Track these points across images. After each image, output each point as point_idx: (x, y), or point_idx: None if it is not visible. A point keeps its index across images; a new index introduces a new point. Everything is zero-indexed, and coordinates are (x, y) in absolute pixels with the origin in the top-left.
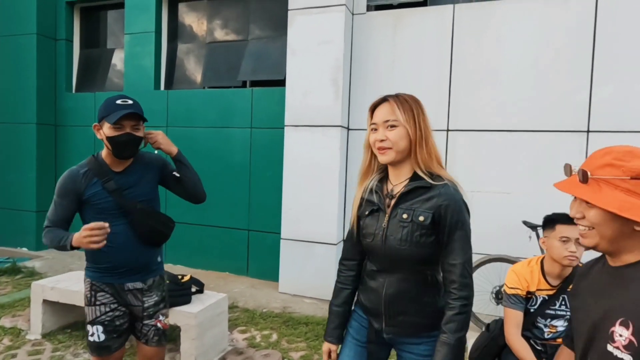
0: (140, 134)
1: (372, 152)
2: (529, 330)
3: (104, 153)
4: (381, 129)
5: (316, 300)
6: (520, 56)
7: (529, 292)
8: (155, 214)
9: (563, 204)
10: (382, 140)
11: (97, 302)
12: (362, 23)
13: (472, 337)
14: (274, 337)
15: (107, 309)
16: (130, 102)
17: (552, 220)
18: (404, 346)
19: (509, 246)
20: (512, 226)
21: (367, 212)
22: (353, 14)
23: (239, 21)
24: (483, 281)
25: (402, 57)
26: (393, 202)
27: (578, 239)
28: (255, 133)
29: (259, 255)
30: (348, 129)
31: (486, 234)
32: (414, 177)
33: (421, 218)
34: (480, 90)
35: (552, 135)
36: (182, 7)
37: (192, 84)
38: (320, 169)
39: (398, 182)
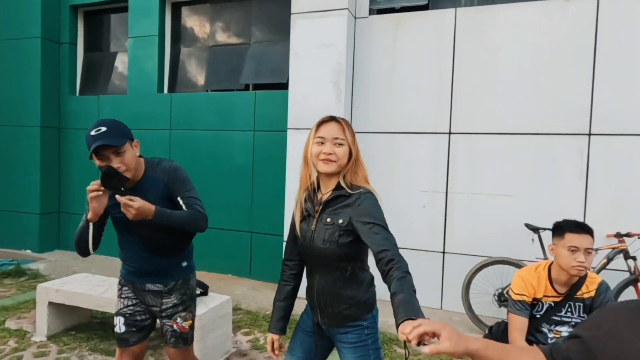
0: (126, 159)
1: (310, 165)
2: (533, 334)
3: None
4: (329, 144)
5: None
6: (521, 59)
7: (535, 299)
8: (162, 230)
9: (564, 207)
10: (330, 154)
11: (123, 296)
12: (364, 27)
13: None
14: (286, 345)
15: (129, 303)
16: (103, 129)
17: (561, 228)
18: (336, 336)
19: (510, 249)
20: (513, 229)
21: (301, 219)
22: (355, 18)
23: (241, 25)
24: (485, 283)
25: (402, 61)
26: (320, 208)
27: (587, 248)
28: (258, 136)
29: (261, 257)
30: None
31: (487, 236)
32: (337, 187)
33: (340, 221)
34: (482, 93)
35: (553, 138)
36: (185, 11)
37: (194, 87)
38: None
39: (326, 191)
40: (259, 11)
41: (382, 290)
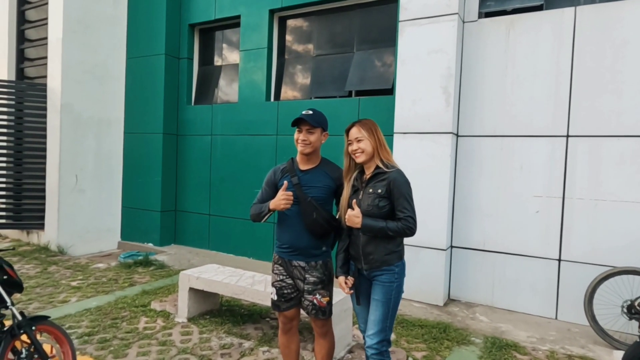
0: (312, 137)
1: (350, 157)
2: None
3: (298, 156)
4: (355, 143)
5: (425, 305)
6: None
7: None
8: (320, 209)
9: None
10: (356, 149)
11: (275, 271)
12: (472, 30)
13: (607, 353)
14: (393, 336)
15: (278, 279)
16: (310, 112)
17: None
18: (374, 277)
19: (639, 258)
20: None
21: (352, 193)
22: (464, 22)
23: (344, 34)
24: (611, 294)
25: (515, 63)
26: (365, 183)
27: None
28: None
29: None
30: (457, 135)
31: (611, 244)
32: (376, 168)
33: (379, 191)
34: (604, 94)
35: None
36: (290, 23)
37: (300, 95)
38: (429, 174)
39: (369, 172)
40: (361, 20)
41: (486, 295)
